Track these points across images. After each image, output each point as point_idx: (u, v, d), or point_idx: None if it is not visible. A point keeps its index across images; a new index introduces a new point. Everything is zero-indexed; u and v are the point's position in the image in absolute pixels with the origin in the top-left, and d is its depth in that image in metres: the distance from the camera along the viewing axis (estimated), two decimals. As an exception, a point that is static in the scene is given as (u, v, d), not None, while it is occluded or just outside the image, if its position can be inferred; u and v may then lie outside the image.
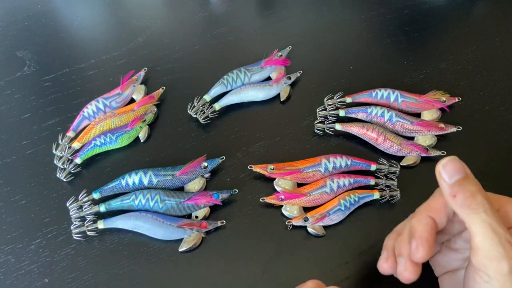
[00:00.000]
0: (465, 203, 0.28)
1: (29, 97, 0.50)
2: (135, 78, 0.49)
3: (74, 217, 0.40)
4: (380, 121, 0.45)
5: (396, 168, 0.42)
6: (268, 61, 0.49)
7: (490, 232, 0.26)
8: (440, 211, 0.30)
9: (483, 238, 0.26)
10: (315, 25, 0.57)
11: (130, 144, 0.46)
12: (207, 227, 0.39)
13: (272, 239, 0.40)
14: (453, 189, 0.28)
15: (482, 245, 0.27)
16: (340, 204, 0.40)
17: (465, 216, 0.28)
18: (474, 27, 0.56)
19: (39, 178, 0.44)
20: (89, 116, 0.46)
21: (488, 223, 0.27)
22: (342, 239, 0.40)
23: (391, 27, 0.56)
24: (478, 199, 0.27)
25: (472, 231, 0.27)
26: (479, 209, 0.27)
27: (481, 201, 0.27)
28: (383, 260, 0.33)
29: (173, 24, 0.57)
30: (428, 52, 0.54)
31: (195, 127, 0.47)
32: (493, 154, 0.45)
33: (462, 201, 0.28)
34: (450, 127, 0.45)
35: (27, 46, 0.55)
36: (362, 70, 0.52)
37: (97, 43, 0.55)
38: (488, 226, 0.26)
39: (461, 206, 0.28)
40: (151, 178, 0.41)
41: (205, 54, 0.54)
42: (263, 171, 0.42)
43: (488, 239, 0.26)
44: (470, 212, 0.27)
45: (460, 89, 0.49)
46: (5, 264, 0.39)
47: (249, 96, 0.48)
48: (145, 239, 0.40)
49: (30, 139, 0.46)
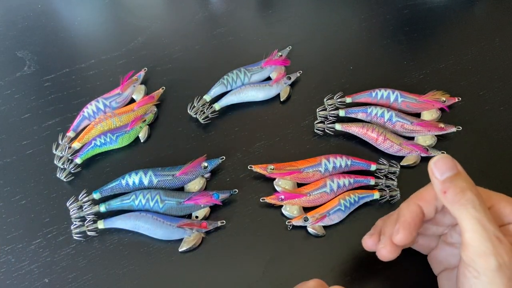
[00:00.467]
0: (455, 198, 0.28)
1: (29, 97, 0.50)
2: (135, 78, 0.49)
3: (74, 217, 0.40)
4: (380, 121, 0.45)
5: (396, 168, 0.42)
6: (268, 61, 0.49)
7: (479, 228, 0.27)
8: (429, 202, 0.31)
9: (472, 234, 0.27)
10: (315, 25, 0.57)
11: (130, 144, 0.46)
12: (207, 227, 0.39)
13: (272, 239, 0.40)
14: (444, 185, 0.29)
15: (471, 241, 0.27)
16: (340, 204, 0.40)
17: (456, 211, 0.28)
18: (474, 27, 0.56)
19: (39, 178, 0.44)
20: (89, 116, 0.46)
21: (477, 219, 0.27)
22: (342, 239, 0.40)
23: (391, 27, 0.56)
24: (467, 194, 0.28)
25: (462, 227, 0.28)
26: (469, 205, 0.27)
27: (470, 197, 0.28)
28: (368, 236, 0.35)
29: (173, 24, 0.57)
30: (428, 52, 0.54)
31: (195, 127, 0.47)
32: (493, 154, 0.45)
33: (452, 197, 0.28)
34: (450, 127, 0.45)
35: (27, 46, 0.55)
36: (362, 70, 0.52)
37: (97, 43, 0.55)
38: (477, 222, 0.27)
39: (451, 202, 0.28)
40: (151, 178, 0.41)
41: (205, 54, 0.54)
42: (263, 171, 0.42)
43: (477, 235, 0.27)
44: (460, 208, 0.28)
45: (460, 89, 0.49)
46: (5, 264, 0.39)
47: (249, 96, 0.48)
48: (145, 239, 0.40)
49: (30, 139, 0.46)
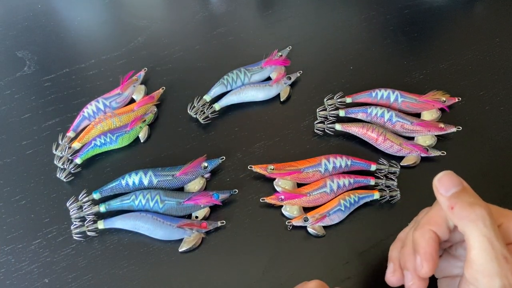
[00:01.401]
0: (463, 214, 0.27)
1: (29, 97, 0.50)
2: (135, 78, 0.49)
3: (74, 217, 0.40)
4: (380, 121, 0.45)
5: (396, 168, 0.42)
6: (268, 61, 0.49)
7: (487, 246, 0.26)
8: (440, 224, 0.30)
9: (478, 251, 0.26)
10: (315, 25, 0.57)
11: (130, 144, 0.46)
12: (207, 227, 0.39)
13: (272, 239, 0.40)
14: (450, 201, 0.28)
15: (476, 259, 0.26)
16: (340, 204, 0.40)
17: (464, 227, 0.27)
18: (474, 27, 0.56)
19: (39, 178, 0.44)
20: (89, 116, 0.46)
21: (486, 237, 0.26)
22: (342, 239, 0.40)
23: (391, 27, 0.56)
24: (476, 210, 0.27)
25: (469, 243, 0.26)
26: (478, 221, 0.26)
27: (480, 212, 0.26)
28: (390, 274, 0.32)
29: (173, 24, 0.57)
30: (428, 52, 0.54)
31: (195, 127, 0.47)
32: (493, 154, 0.45)
33: (460, 212, 0.27)
34: (450, 127, 0.45)
35: (27, 46, 0.55)
36: (362, 70, 0.52)
37: (97, 43, 0.55)
38: (485, 239, 0.26)
39: (459, 217, 0.27)
40: (151, 178, 0.41)
41: (205, 54, 0.54)
42: (263, 171, 0.42)
43: (484, 254, 0.26)
44: (469, 224, 0.27)
45: (460, 89, 0.49)
46: (5, 264, 0.39)
47: (249, 96, 0.48)
48: (145, 239, 0.40)
49: (30, 139, 0.46)
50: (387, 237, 0.40)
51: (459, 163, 0.44)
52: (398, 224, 0.38)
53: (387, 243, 0.35)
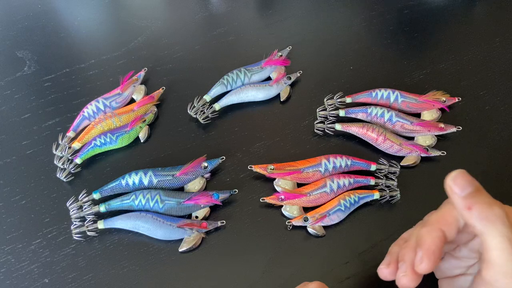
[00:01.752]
0: (482, 214, 0.26)
1: (29, 97, 0.50)
2: (135, 78, 0.49)
3: (74, 217, 0.40)
4: (380, 121, 0.45)
5: (396, 168, 0.42)
6: (268, 61, 0.49)
7: (508, 246, 0.25)
8: (451, 224, 0.29)
9: (500, 252, 0.25)
10: (315, 25, 0.57)
11: (130, 144, 0.46)
12: (207, 227, 0.39)
13: (272, 239, 0.40)
14: (466, 201, 0.27)
15: (498, 260, 0.25)
16: (340, 204, 0.40)
17: (483, 228, 0.26)
18: (474, 27, 0.56)
19: (39, 178, 0.44)
20: (89, 116, 0.46)
21: (507, 237, 0.25)
22: (342, 239, 0.40)
23: (391, 27, 0.56)
24: (495, 210, 0.26)
25: (487, 244, 0.26)
26: (497, 221, 0.26)
27: (499, 212, 0.26)
28: (384, 265, 0.32)
29: (173, 24, 0.57)
30: (428, 52, 0.54)
31: (195, 127, 0.47)
32: (493, 154, 0.45)
33: (479, 213, 0.26)
34: (450, 127, 0.45)
35: (27, 46, 0.55)
36: (362, 70, 0.52)
37: (97, 43, 0.55)
38: (506, 239, 0.25)
39: (478, 218, 0.26)
40: (151, 178, 0.41)
41: (205, 54, 0.54)
42: (263, 171, 0.42)
43: (505, 254, 0.25)
44: (488, 224, 0.26)
45: (460, 89, 0.49)
46: (5, 264, 0.39)
47: (249, 96, 0.48)
48: (145, 239, 0.40)
49: (30, 139, 0.46)
50: (387, 237, 0.40)
51: (459, 163, 0.44)
52: (398, 224, 0.38)
53: (387, 243, 0.34)
